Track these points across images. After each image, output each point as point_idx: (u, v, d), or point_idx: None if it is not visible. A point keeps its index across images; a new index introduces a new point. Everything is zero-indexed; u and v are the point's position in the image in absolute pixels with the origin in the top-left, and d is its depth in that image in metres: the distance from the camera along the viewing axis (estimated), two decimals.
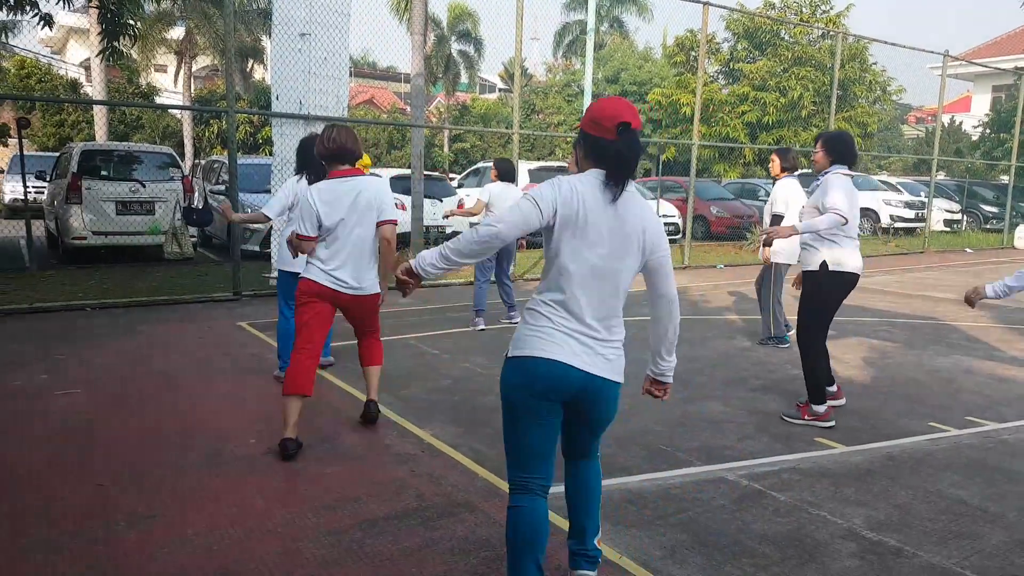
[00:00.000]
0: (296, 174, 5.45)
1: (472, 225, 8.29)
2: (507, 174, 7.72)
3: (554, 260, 2.61)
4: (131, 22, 9.10)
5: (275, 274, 9.29)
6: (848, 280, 4.95)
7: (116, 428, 4.57)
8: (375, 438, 4.52)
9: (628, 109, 2.59)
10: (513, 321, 7.77)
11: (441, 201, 14.36)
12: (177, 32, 26.75)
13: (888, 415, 5.22)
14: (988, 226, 22.38)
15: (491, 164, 8.17)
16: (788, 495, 3.84)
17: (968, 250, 17.93)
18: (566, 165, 17.50)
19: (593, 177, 2.60)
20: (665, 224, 16.49)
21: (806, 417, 5.00)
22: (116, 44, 9.04)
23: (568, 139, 28.81)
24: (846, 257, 4.90)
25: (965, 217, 22.50)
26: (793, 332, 6.28)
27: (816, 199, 4.96)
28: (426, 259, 2.64)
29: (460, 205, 14.84)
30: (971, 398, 5.64)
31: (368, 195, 4.33)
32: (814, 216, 4.93)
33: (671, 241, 16.24)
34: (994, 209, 22.55)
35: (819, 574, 3.08)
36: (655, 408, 5.19)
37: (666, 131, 20.54)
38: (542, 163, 18.87)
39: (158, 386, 5.44)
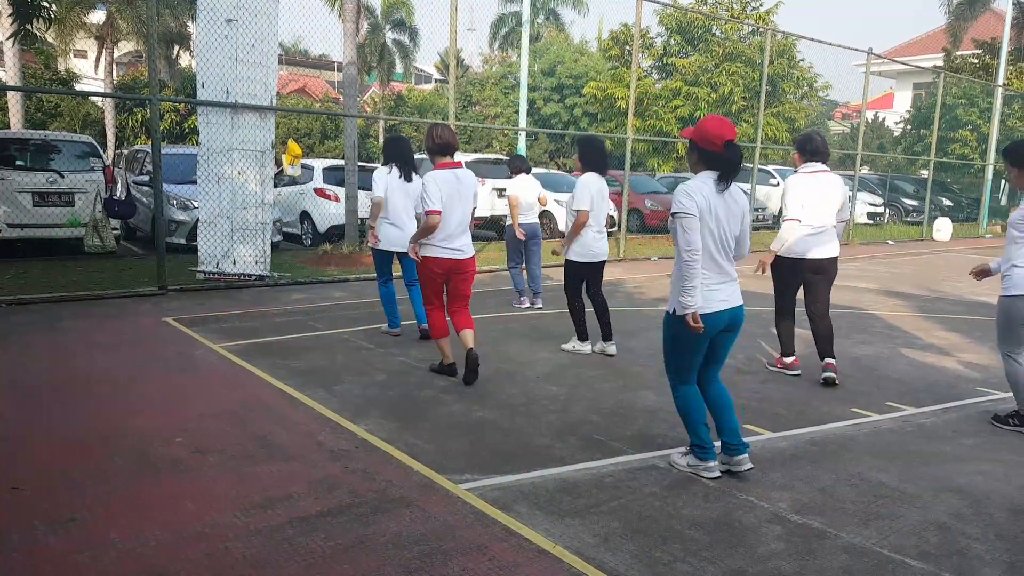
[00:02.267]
0: (384, 165, 6.75)
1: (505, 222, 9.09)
2: (526, 168, 8.82)
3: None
4: (45, 4, 8.71)
5: (203, 268, 9.14)
6: (788, 263, 5.78)
7: (34, 430, 4.40)
8: (308, 435, 4.44)
9: (730, 128, 3.67)
10: (536, 307, 8.54)
11: None
12: (98, 16, 25.72)
13: (813, 402, 5.38)
14: (909, 219, 23.24)
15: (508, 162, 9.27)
16: (717, 481, 3.92)
17: (890, 242, 18.59)
18: (504, 157, 17.50)
19: (708, 177, 3.71)
20: None
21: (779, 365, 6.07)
22: (29, 27, 8.65)
23: (506, 132, 28.82)
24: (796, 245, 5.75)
25: (887, 210, 23.31)
26: None
27: None
28: (683, 304, 3.67)
29: None
30: (891, 384, 5.85)
31: (467, 182, 5.47)
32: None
33: (608, 234, 16.41)
34: (914, 202, 23.42)
35: (747, 557, 3.16)
36: (591, 399, 5.25)
37: (601, 125, 20.72)
38: (479, 155, 18.81)
39: (79, 385, 5.25)
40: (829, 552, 3.23)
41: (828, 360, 5.80)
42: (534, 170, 17.02)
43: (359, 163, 12.49)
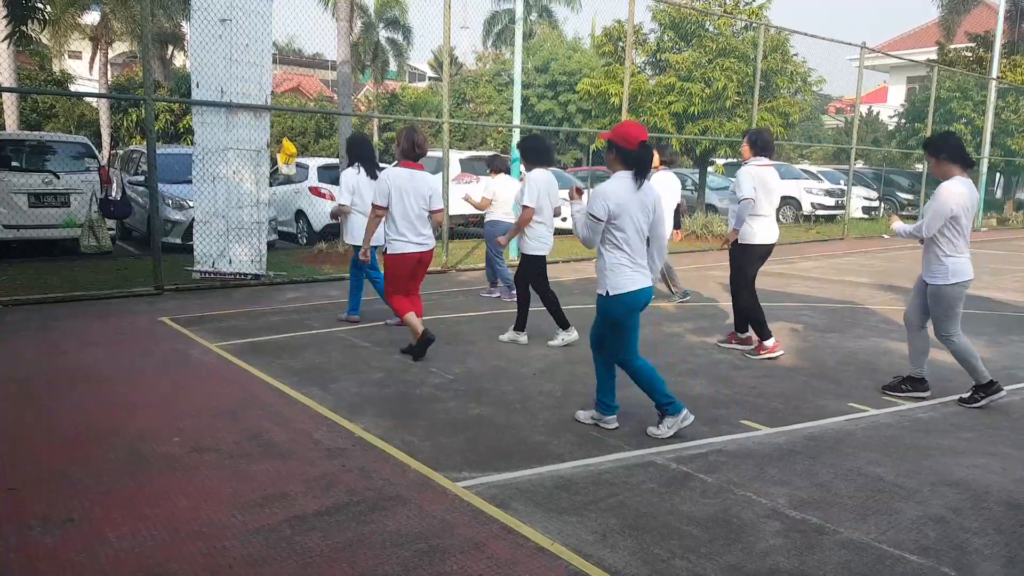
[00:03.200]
0: (350, 166, 7.20)
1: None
2: (506, 168, 9.16)
3: (614, 232, 4.22)
4: (40, 5, 8.70)
5: (198, 267, 9.13)
6: (758, 250, 6.33)
7: (30, 428, 4.39)
8: (304, 433, 4.44)
9: (643, 131, 4.18)
10: (493, 296, 8.99)
11: None
12: (92, 17, 25.66)
13: (810, 396, 5.38)
14: (904, 212, 23.23)
15: (488, 161, 9.46)
16: (714, 477, 3.92)
17: (885, 236, 18.60)
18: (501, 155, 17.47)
19: (623, 176, 4.21)
20: None
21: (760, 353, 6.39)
22: (24, 28, 8.63)
23: (500, 129, 28.79)
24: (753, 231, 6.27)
25: (882, 204, 23.33)
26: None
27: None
28: (581, 212, 4.32)
29: None
30: (887, 379, 5.83)
31: (420, 180, 5.87)
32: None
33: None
34: (909, 196, 23.43)
35: (745, 553, 3.16)
36: (587, 395, 5.24)
37: (596, 121, 20.69)
38: (473, 152, 18.78)
39: (74, 384, 5.24)
40: (828, 547, 3.23)
41: (741, 335, 6.58)
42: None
43: None
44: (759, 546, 3.22)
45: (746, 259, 6.39)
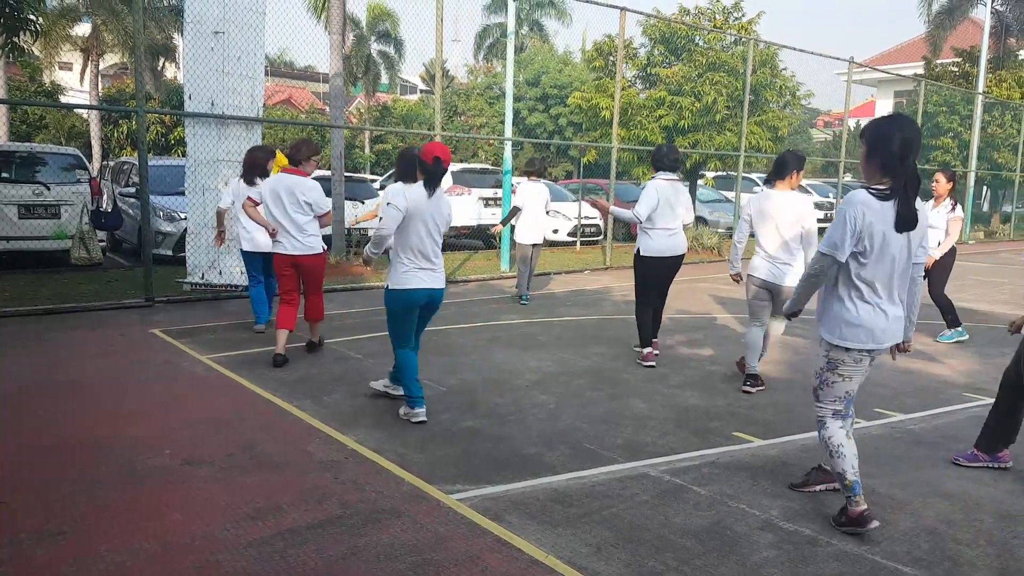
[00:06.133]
0: (242, 176, 7.38)
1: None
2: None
3: (407, 232, 4.72)
4: (32, 17, 8.69)
5: (189, 279, 9.11)
6: (652, 262, 6.41)
7: (21, 441, 4.35)
8: (297, 445, 4.42)
9: (442, 151, 4.75)
10: None
11: (363, 203, 14.15)
12: (83, 28, 25.63)
13: (802, 409, 5.39)
14: None
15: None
16: (708, 489, 3.93)
17: None
18: (489, 167, 17.53)
19: (422, 185, 4.76)
20: (587, 225, 16.68)
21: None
22: (16, 40, 8.62)
23: (491, 141, 28.89)
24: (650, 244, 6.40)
25: None
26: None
27: None
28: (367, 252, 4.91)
29: None
30: (879, 391, 5.88)
31: (298, 187, 6.24)
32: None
33: (593, 242, 16.47)
34: None
35: (739, 565, 3.16)
36: (581, 408, 5.26)
37: (586, 134, 20.79)
38: (465, 165, 18.84)
39: (65, 396, 5.21)
40: (821, 559, 3.24)
41: (655, 341, 6.64)
42: (516, 179, 17.14)
43: (345, 173, 12.46)
44: (753, 558, 3.23)
45: (643, 269, 6.50)
